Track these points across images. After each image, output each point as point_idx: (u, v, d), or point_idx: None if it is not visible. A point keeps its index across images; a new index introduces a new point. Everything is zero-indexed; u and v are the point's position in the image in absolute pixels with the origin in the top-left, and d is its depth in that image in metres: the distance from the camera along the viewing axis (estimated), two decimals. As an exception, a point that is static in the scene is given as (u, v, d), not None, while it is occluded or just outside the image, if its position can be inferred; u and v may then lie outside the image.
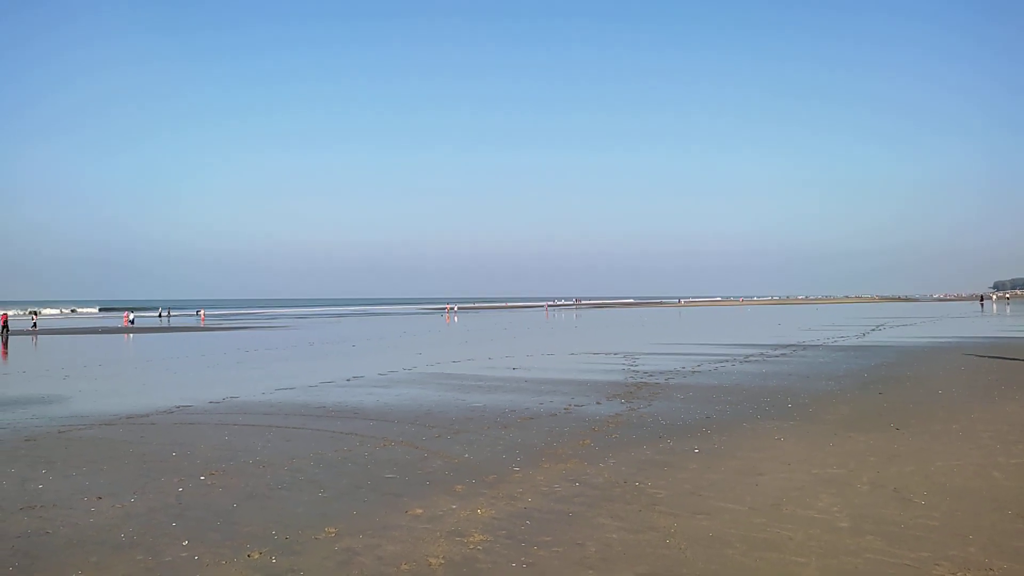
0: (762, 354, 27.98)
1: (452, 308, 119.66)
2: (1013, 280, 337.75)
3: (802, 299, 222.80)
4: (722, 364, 24.14)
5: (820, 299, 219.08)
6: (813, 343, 33.86)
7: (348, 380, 20.63)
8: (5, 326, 52.07)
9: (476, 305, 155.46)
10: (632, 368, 23.19)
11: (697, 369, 22.62)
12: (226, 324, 70.44)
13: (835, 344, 33.25)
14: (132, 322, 70.69)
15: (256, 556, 6.64)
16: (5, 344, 40.95)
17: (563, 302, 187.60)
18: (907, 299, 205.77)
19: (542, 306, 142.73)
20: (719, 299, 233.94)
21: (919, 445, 11.09)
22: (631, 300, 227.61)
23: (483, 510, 7.97)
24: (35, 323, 64.80)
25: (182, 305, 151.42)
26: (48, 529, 7.51)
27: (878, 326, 50.66)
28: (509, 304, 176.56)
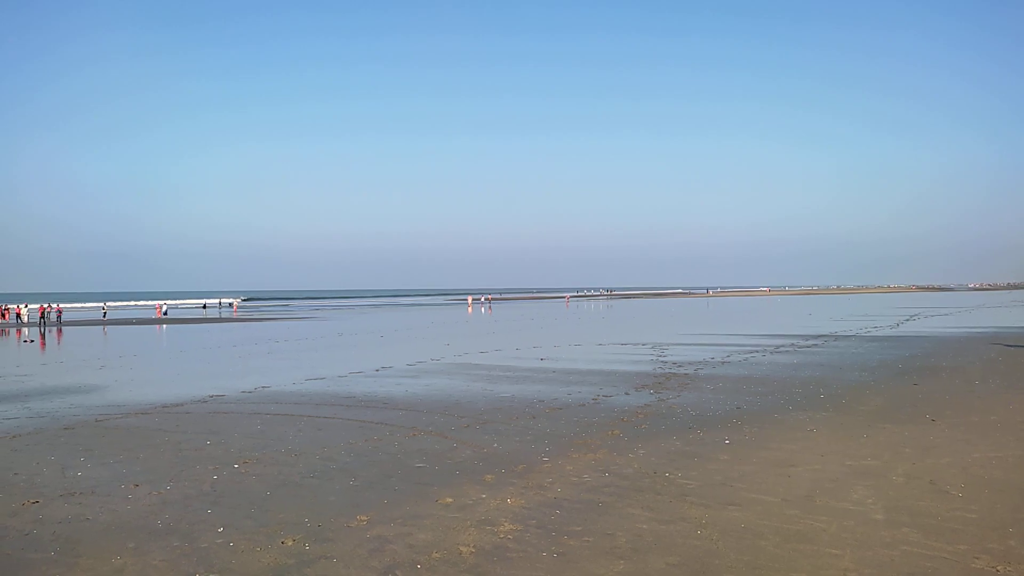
0: (793, 344, 27.66)
1: (486, 299, 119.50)
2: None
3: (834, 289, 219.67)
4: (752, 355, 23.90)
5: (853, 289, 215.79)
6: (845, 333, 33.38)
7: (377, 370, 20.78)
8: (42, 317, 53.40)
9: (504, 296, 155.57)
10: (661, 359, 23.06)
11: (726, 360, 22.43)
12: (257, 315, 71.35)
13: (868, 334, 32.75)
14: (165, 313, 71.92)
15: (290, 543, 6.73)
16: (43, 335, 41.90)
17: (591, 292, 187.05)
18: (942, 288, 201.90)
19: (563, 297, 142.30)
20: (748, 289, 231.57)
21: (955, 436, 10.88)
22: (660, 291, 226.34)
23: (513, 499, 7.98)
24: (105, 313, 69.27)
25: (197, 296, 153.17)
26: (88, 515, 7.67)
27: (912, 316, 49.81)
28: (537, 295, 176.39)
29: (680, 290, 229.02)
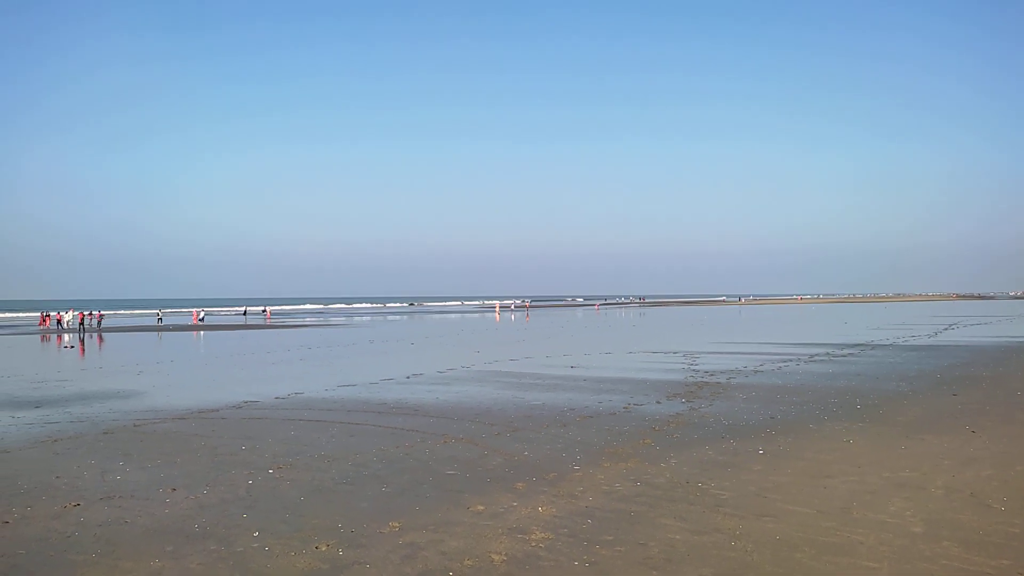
0: (828, 354, 27.24)
1: (515, 305, 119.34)
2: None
3: (870, 297, 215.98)
4: (786, 364, 23.59)
5: (890, 297, 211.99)
6: (882, 342, 32.80)
7: (408, 377, 20.91)
8: (82, 324, 54.65)
9: (532, 304, 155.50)
10: (692, 367, 22.87)
11: (760, 369, 22.17)
12: (289, 322, 72.22)
13: (905, 343, 32.14)
14: (202, 319, 73.18)
15: (324, 548, 6.80)
16: (82, 341, 42.85)
17: (622, 300, 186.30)
18: (982, 297, 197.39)
19: (593, 305, 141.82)
20: (780, 297, 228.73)
21: (997, 448, 10.63)
22: (692, 298, 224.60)
23: (544, 508, 7.98)
24: (160, 319, 71.83)
25: (225, 303, 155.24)
26: (127, 518, 7.83)
27: (951, 325, 48.76)
28: (566, 303, 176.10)
29: (711, 298, 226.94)
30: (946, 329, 43.84)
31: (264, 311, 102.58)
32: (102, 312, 66.55)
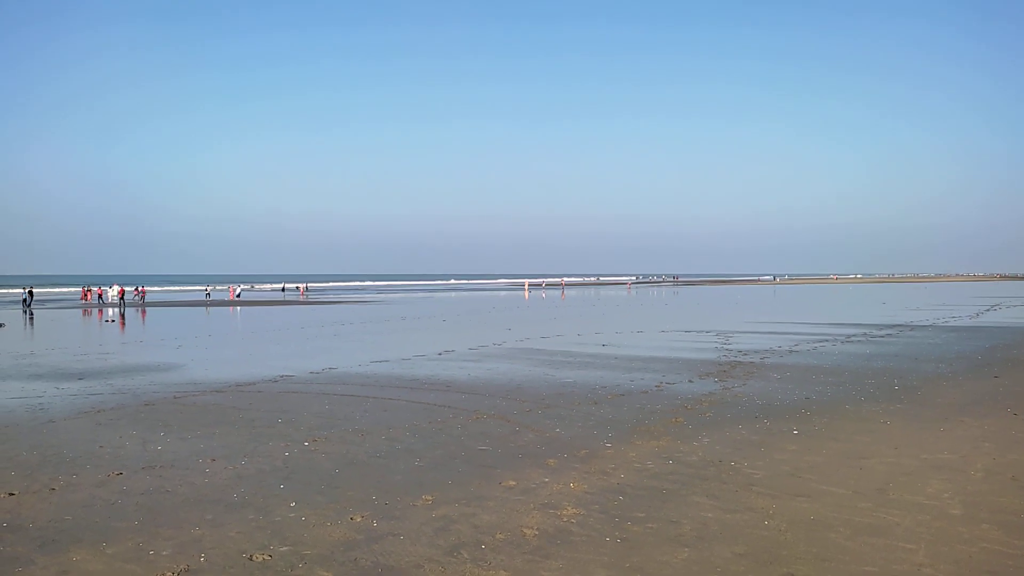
0: (865, 334, 26.81)
1: (544, 283, 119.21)
2: None
3: (910, 277, 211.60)
4: (821, 344, 23.27)
5: (931, 277, 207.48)
6: (921, 323, 32.17)
7: (439, 354, 21.05)
8: (122, 298, 55.97)
9: (563, 282, 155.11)
10: (725, 346, 22.67)
11: (794, 349, 21.90)
12: (323, 299, 73.06)
13: (945, 324, 31.48)
14: (238, 295, 74.36)
15: (358, 519, 6.91)
16: (123, 316, 43.84)
17: (655, 278, 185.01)
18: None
19: (625, 283, 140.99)
20: (815, 277, 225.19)
21: (1041, 432, 10.39)
22: (725, 278, 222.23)
23: (576, 484, 8.00)
24: (208, 294, 75.70)
25: (265, 279, 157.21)
26: (168, 487, 8.04)
27: (993, 306, 47.61)
28: (597, 280, 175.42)
29: (746, 278, 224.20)
30: (988, 310, 42.82)
31: (299, 288, 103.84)
32: (145, 287, 68.16)
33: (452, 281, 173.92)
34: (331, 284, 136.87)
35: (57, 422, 11.70)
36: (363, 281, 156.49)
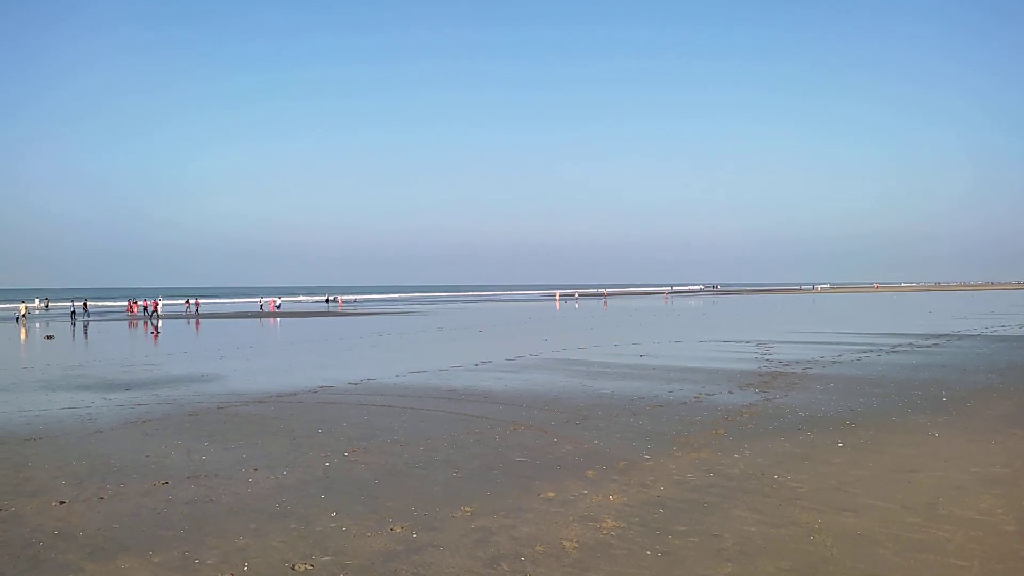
0: (911, 344, 26.19)
1: (578, 294, 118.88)
2: None
3: (956, 285, 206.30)
4: (865, 354, 22.79)
5: (978, 285, 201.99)
6: (969, 332, 31.32)
7: (476, 365, 21.10)
8: (155, 311, 57.37)
9: (599, 292, 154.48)
10: (766, 357, 22.33)
11: (837, 359, 21.48)
12: (360, 310, 73.80)
13: (994, 334, 30.60)
14: (279, 307, 75.53)
15: (398, 530, 6.94)
16: (156, 329, 44.64)
17: (692, 288, 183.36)
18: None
19: (662, 293, 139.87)
20: (856, 285, 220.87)
21: (1099, 446, 10.02)
22: (765, 287, 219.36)
23: (615, 496, 7.94)
24: (261, 305, 78.89)
25: (304, 291, 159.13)
26: (212, 497, 8.17)
27: (1045, 315, 46.16)
28: (632, 290, 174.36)
29: (786, 286, 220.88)
30: (1040, 319, 41.54)
31: (335, 299, 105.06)
32: (199, 299, 70.47)
33: (485, 293, 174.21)
34: (368, 297, 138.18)
35: (105, 432, 11.98)
36: (396, 293, 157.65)
